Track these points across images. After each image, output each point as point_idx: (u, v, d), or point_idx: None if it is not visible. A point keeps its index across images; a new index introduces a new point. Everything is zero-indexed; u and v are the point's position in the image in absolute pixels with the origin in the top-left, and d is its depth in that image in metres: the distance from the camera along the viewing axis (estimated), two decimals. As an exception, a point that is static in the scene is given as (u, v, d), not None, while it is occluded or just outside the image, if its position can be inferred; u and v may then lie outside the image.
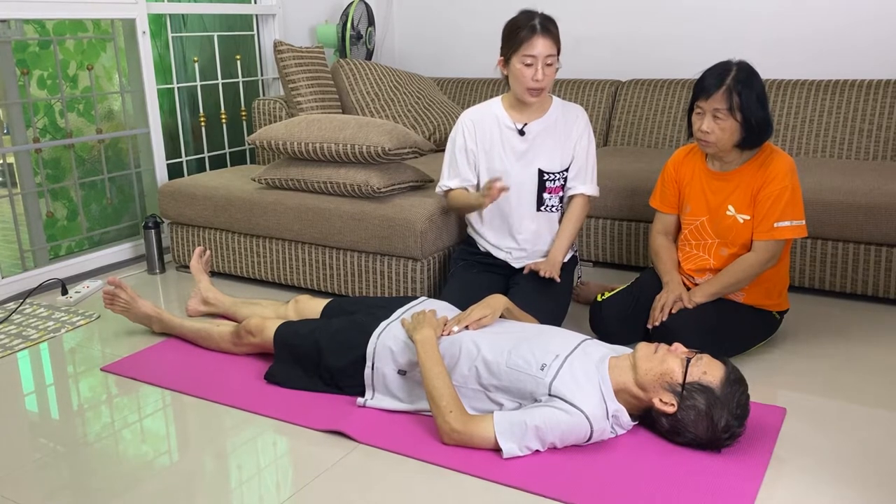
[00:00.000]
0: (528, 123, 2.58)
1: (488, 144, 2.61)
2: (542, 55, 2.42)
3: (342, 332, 2.22)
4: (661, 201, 2.58)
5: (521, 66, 2.44)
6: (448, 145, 2.69)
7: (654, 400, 1.89)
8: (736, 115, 2.24)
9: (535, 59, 2.42)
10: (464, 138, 2.63)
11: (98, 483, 1.84)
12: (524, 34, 2.42)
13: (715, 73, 2.29)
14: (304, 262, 3.07)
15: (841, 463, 1.85)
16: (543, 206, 2.62)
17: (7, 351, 2.62)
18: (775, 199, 2.30)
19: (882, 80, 3.42)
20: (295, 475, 1.85)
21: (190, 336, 2.59)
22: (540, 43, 2.41)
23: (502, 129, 2.60)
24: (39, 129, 3.69)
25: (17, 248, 3.46)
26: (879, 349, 2.48)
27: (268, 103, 3.76)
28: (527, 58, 2.42)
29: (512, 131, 2.59)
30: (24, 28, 3.62)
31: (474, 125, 2.62)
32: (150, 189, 3.81)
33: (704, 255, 2.43)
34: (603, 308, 2.52)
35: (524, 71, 2.44)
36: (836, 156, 3.43)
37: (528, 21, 2.43)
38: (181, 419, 2.15)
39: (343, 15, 4.23)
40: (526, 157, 2.59)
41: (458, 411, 1.92)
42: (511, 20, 2.49)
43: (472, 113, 2.66)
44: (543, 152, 2.59)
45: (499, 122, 2.61)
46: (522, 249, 2.66)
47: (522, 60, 2.43)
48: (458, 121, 2.67)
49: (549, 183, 2.60)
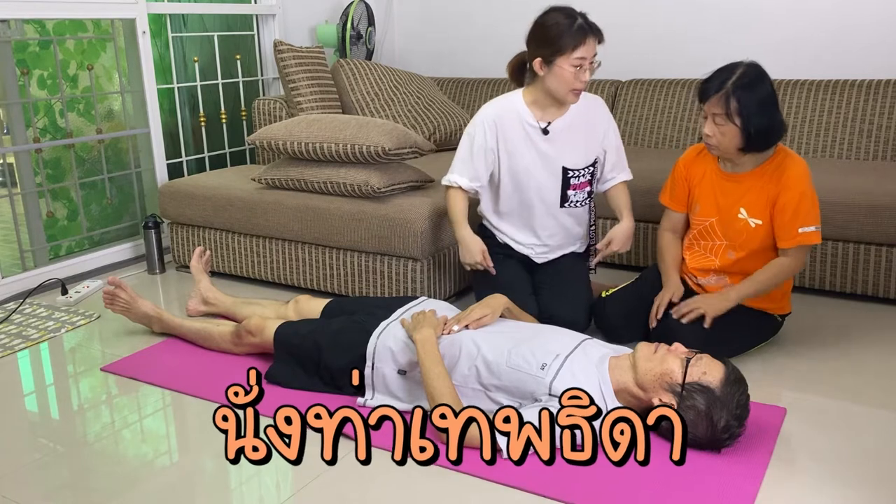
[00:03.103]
0: (551, 122, 2.52)
1: (511, 144, 2.53)
2: (591, 56, 2.37)
3: (342, 332, 2.22)
4: (671, 198, 2.55)
5: (571, 67, 2.36)
6: (465, 140, 2.57)
7: (653, 400, 1.89)
8: (734, 120, 2.21)
9: (585, 61, 2.36)
10: (485, 137, 2.53)
11: (98, 483, 1.84)
12: (575, 35, 2.34)
13: (718, 75, 2.25)
14: (304, 262, 3.07)
15: (841, 463, 1.85)
16: (568, 202, 2.59)
17: (7, 351, 2.63)
18: (797, 206, 2.27)
19: (882, 80, 3.42)
20: (295, 475, 1.85)
21: (190, 336, 2.59)
22: (592, 44, 2.36)
23: (525, 128, 2.52)
24: (39, 129, 3.69)
25: (17, 248, 3.46)
26: (880, 349, 2.48)
27: (268, 103, 3.76)
28: (579, 60, 2.35)
29: (535, 130, 2.52)
30: (24, 28, 3.62)
31: (496, 125, 2.52)
32: (150, 189, 3.81)
33: (711, 256, 2.43)
34: (607, 304, 2.52)
35: (573, 73, 2.37)
36: (836, 156, 3.43)
37: (575, 21, 2.36)
38: (181, 419, 2.15)
39: (343, 15, 4.23)
40: (549, 157, 2.54)
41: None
42: (550, 20, 2.39)
43: (494, 110, 2.54)
44: (567, 150, 2.54)
45: (521, 120, 2.52)
46: (545, 245, 2.64)
47: (573, 63, 2.35)
48: (478, 116, 2.56)
49: (573, 180, 2.56)
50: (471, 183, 2.57)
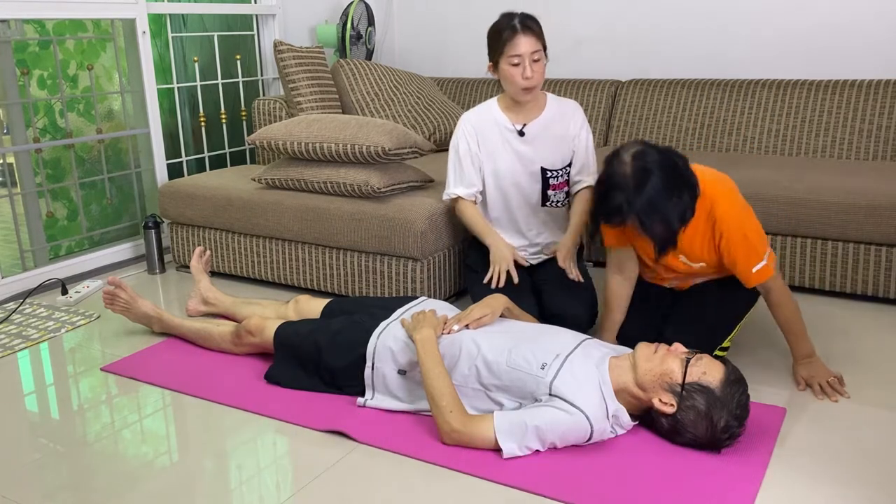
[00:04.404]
0: (526, 124, 2.59)
1: (491, 146, 2.62)
2: (528, 52, 2.42)
3: (342, 332, 2.22)
4: (616, 238, 2.30)
5: (510, 66, 2.45)
6: (451, 152, 2.67)
7: (653, 400, 1.89)
8: (653, 235, 2.05)
9: (521, 58, 2.42)
10: (467, 143, 2.62)
11: (98, 483, 1.84)
12: (506, 35, 2.44)
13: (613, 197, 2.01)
14: (304, 263, 3.07)
15: (841, 463, 1.85)
16: (549, 202, 2.65)
17: (7, 351, 2.62)
18: (740, 252, 2.15)
19: (882, 80, 3.42)
20: (295, 475, 1.85)
21: (190, 336, 2.59)
22: (522, 41, 2.42)
23: (503, 132, 2.61)
24: (39, 129, 3.69)
25: (17, 248, 3.46)
26: (879, 349, 2.48)
27: (268, 103, 3.76)
28: (513, 58, 2.43)
29: (512, 133, 2.60)
30: (24, 28, 3.62)
31: (475, 129, 2.62)
32: (150, 189, 3.81)
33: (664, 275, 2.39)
34: None
35: (513, 71, 2.45)
36: (836, 156, 3.43)
37: (509, 22, 2.45)
38: (181, 419, 2.15)
39: (343, 15, 4.23)
40: (528, 158, 2.60)
41: (459, 411, 1.92)
42: (492, 25, 2.51)
43: (472, 117, 2.65)
44: (544, 151, 2.60)
45: (498, 124, 2.61)
46: (535, 245, 2.69)
47: (509, 61, 2.44)
48: (458, 125, 2.66)
49: (552, 180, 2.62)
50: (468, 189, 2.64)
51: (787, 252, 2.96)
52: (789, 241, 2.95)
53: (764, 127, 3.56)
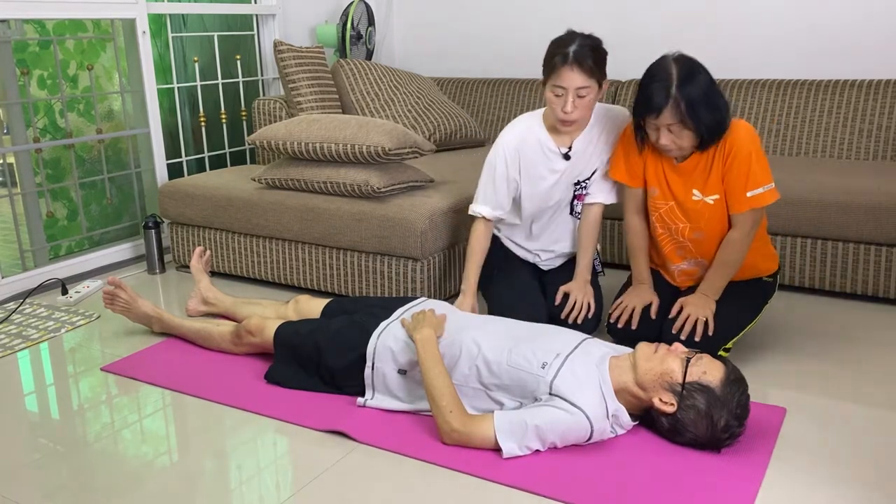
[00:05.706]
0: (571, 146, 2.44)
1: (533, 170, 2.46)
2: (573, 87, 2.24)
3: (342, 332, 2.22)
4: (628, 173, 2.39)
5: (552, 95, 2.29)
6: (487, 167, 2.49)
7: (653, 400, 1.89)
8: (689, 125, 2.13)
9: (564, 91, 2.25)
10: (506, 167, 2.45)
11: (98, 483, 1.84)
12: (556, 62, 2.24)
13: (657, 83, 2.12)
14: (305, 263, 3.07)
15: (841, 463, 1.85)
16: (573, 213, 2.60)
17: (7, 351, 2.63)
18: (742, 170, 2.20)
19: (882, 80, 3.42)
20: (295, 475, 1.85)
21: (190, 336, 2.59)
22: (568, 75, 2.22)
23: (546, 154, 2.45)
24: (39, 129, 3.69)
25: (17, 248, 3.46)
26: (879, 349, 2.48)
27: (268, 103, 3.76)
28: (556, 88, 2.26)
29: (556, 155, 2.45)
30: (24, 28, 3.62)
31: (518, 153, 2.44)
32: (150, 189, 3.81)
33: (680, 238, 2.37)
34: None
35: (555, 101, 2.29)
36: (836, 156, 3.43)
37: (563, 48, 2.24)
38: (181, 419, 2.15)
39: (343, 15, 4.23)
40: (568, 173, 2.48)
41: (459, 411, 1.92)
42: (553, 40, 2.30)
43: (514, 136, 2.45)
44: (584, 165, 2.49)
45: (542, 146, 2.44)
46: (550, 251, 2.67)
47: (552, 90, 2.28)
48: (498, 142, 2.47)
49: (578, 191, 2.54)
50: (493, 211, 2.52)
51: (787, 252, 2.96)
52: (789, 241, 2.95)
53: (764, 127, 3.56)
